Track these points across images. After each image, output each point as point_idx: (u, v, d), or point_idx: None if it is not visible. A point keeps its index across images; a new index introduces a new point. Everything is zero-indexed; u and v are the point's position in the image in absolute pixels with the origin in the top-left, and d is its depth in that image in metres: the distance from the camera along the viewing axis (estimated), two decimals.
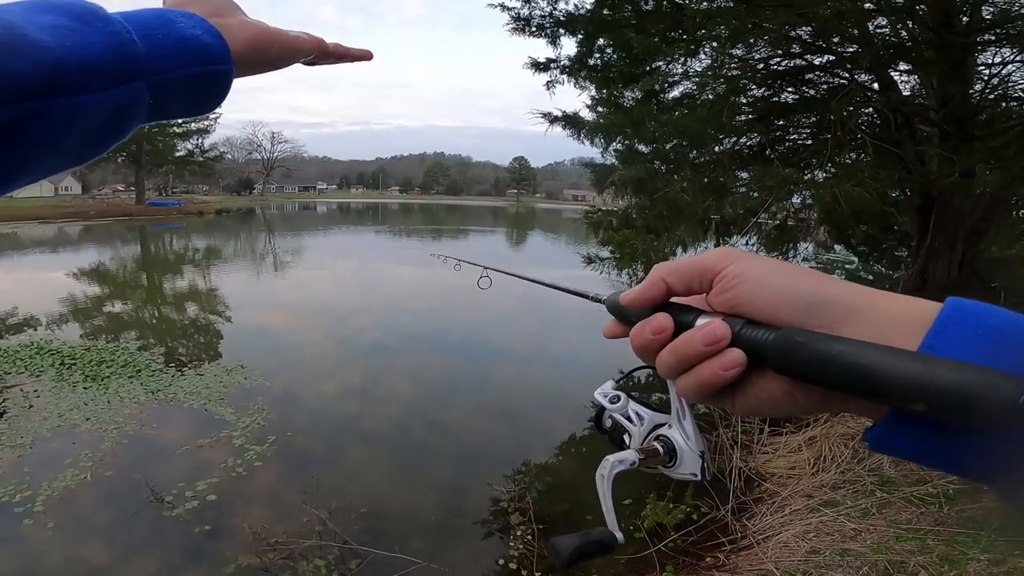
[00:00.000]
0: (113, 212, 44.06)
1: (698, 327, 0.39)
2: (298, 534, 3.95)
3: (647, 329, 0.42)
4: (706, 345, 0.38)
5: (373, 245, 30.25)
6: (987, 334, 0.33)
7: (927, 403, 0.30)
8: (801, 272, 0.39)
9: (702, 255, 0.42)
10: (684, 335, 0.40)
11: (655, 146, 7.18)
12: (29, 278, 16.81)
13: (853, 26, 6.35)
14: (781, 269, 0.39)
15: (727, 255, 0.41)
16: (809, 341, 0.34)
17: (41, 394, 6.64)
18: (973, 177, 5.83)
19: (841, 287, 0.38)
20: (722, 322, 0.38)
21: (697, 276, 0.41)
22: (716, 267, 0.41)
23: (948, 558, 2.54)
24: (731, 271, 0.40)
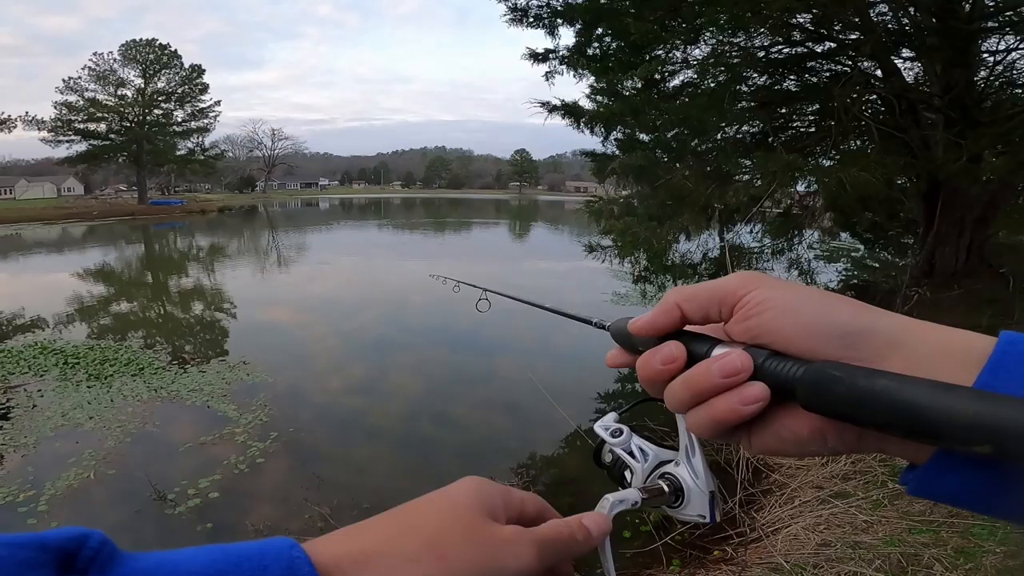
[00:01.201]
0: (116, 212, 44.16)
1: (716, 356, 0.35)
2: (300, 531, 3.92)
3: (657, 358, 0.38)
4: (724, 377, 0.34)
5: (376, 241, 30.22)
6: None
7: (994, 445, 0.26)
8: (835, 299, 0.35)
9: (722, 280, 0.38)
10: (699, 365, 0.36)
11: (656, 134, 7.11)
12: (34, 280, 16.85)
13: (854, 13, 6.26)
14: (813, 296, 0.36)
15: (751, 279, 0.37)
16: (848, 376, 0.31)
17: (45, 393, 6.64)
18: (980, 162, 5.76)
19: (881, 316, 0.34)
20: (741, 352, 0.34)
21: (716, 302, 0.37)
22: (738, 292, 0.37)
23: (963, 550, 2.49)
24: (755, 297, 0.36)
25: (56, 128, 42.18)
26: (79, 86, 43.82)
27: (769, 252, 7.99)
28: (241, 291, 14.39)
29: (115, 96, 44.89)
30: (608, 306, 11.71)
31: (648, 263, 7.20)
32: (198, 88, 47.85)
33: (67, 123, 42.73)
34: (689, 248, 7.61)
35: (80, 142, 43.84)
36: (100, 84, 44.47)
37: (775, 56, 7.17)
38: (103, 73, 44.58)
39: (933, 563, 2.43)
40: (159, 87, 46.56)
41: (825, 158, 6.79)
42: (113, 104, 44.45)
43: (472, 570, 0.32)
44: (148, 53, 45.52)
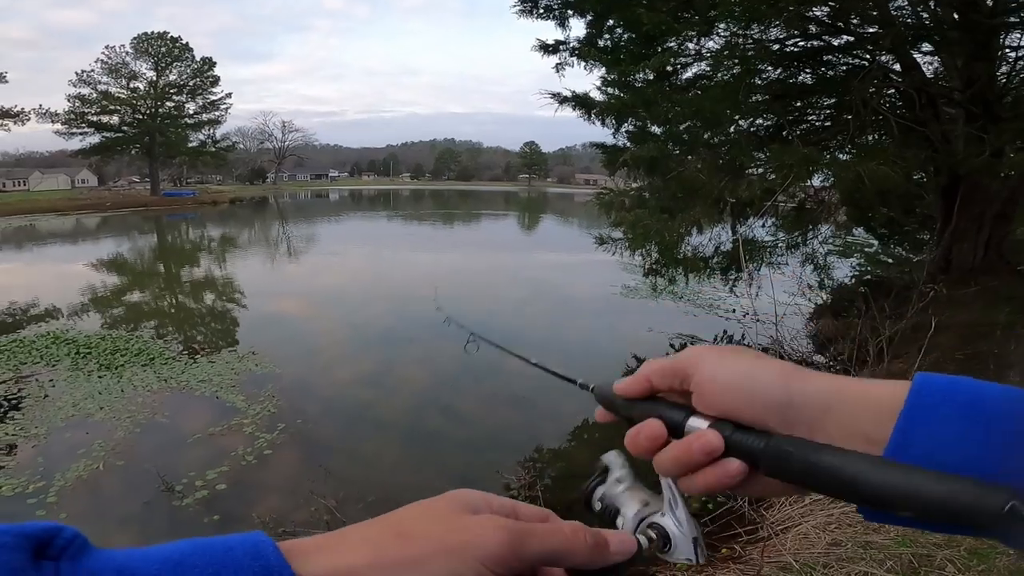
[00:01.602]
0: (129, 203, 44.52)
1: (694, 436, 0.41)
2: (306, 523, 3.91)
3: (642, 436, 0.43)
4: (704, 456, 0.40)
5: (385, 232, 30.26)
6: (955, 417, 0.34)
7: (914, 512, 0.33)
8: (767, 371, 0.41)
9: (678, 357, 0.44)
10: (682, 445, 0.41)
11: (668, 126, 7.01)
12: (48, 269, 17.03)
13: (873, 7, 6.13)
14: (746, 371, 0.41)
15: (696, 359, 0.43)
16: (798, 451, 0.37)
17: (56, 383, 6.70)
18: (1002, 158, 5.64)
19: (809, 382, 0.40)
20: (715, 432, 0.40)
21: (677, 378, 0.44)
22: (688, 372, 0.43)
23: (976, 551, 2.44)
24: (701, 377, 0.42)
25: (70, 120, 42.53)
26: (92, 79, 44.12)
27: (783, 246, 7.88)
28: (251, 282, 14.46)
29: (127, 89, 45.15)
30: (618, 299, 11.64)
31: (659, 256, 7.13)
32: (209, 80, 48.01)
33: (80, 115, 43.07)
34: (701, 241, 7.52)
35: (93, 134, 44.20)
36: (113, 77, 44.74)
37: (790, 49, 7.05)
38: (115, 66, 44.83)
39: (946, 564, 2.37)
40: (171, 80, 46.76)
41: (841, 152, 6.67)
42: (126, 97, 44.71)
43: (434, 546, 0.33)
44: (160, 46, 45.69)
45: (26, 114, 37.75)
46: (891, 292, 6.71)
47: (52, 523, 0.29)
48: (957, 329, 5.74)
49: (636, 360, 8.04)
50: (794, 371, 0.41)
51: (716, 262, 7.60)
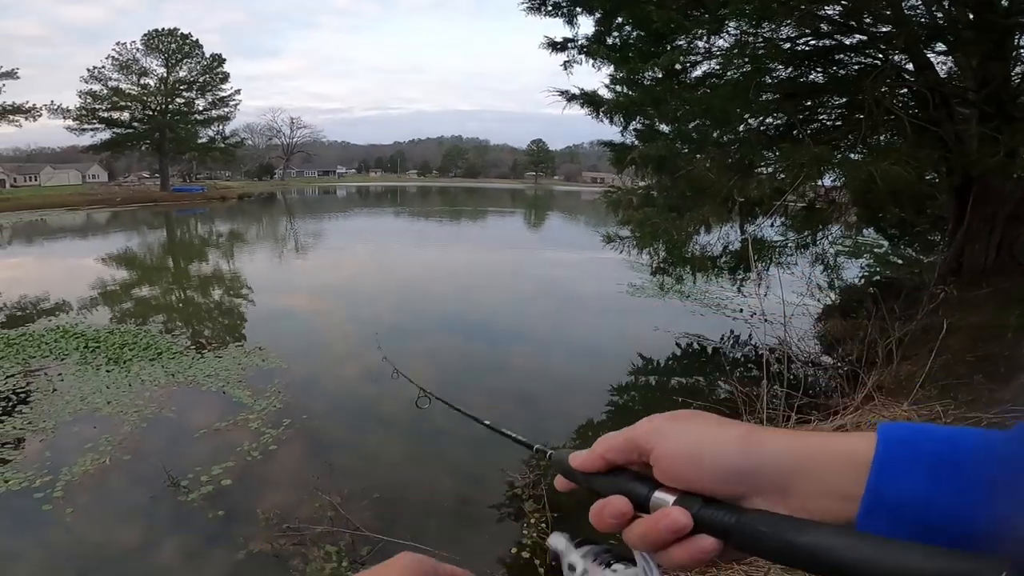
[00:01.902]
0: (139, 198, 44.86)
1: (660, 515, 0.39)
2: (310, 520, 3.93)
3: (606, 514, 0.42)
4: (671, 534, 0.39)
5: (392, 228, 30.31)
6: (926, 468, 0.34)
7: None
8: (725, 438, 0.40)
9: (634, 431, 0.43)
10: (649, 522, 0.40)
11: (677, 125, 6.96)
12: (59, 264, 17.17)
13: (886, 5, 6.05)
14: (703, 441, 0.40)
15: (651, 431, 0.42)
16: (772, 530, 0.36)
17: (65, 377, 6.75)
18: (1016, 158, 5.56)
19: (769, 443, 0.39)
20: (680, 510, 0.39)
21: (634, 453, 0.43)
22: (645, 446, 0.42)
23: None
24: (660, 452, 0.41)
25: (81, 116, 42.87)
26: (103, 75, 44.43)
27: (793, 246, 7.81)
28: (259, 277, 14.53)
29: (138, 85, 45.44)
30: (624, 297, 11.60)
31: (667, 254, 7.09)
32: (219, 77, 48.21)
33: (91, 112, 43.40)
34: (709, 240, 7.48)
35: (104, 130, 44.55)
36: (123, 73, 45.02)
37: (802, 48, 6.98)
38: (126, 62, 45.11)
39: None
40: (181, 76, 47.00)
41: (853, 151, 6.60)
42: (136, 93, 45.00)
43: None
44: (170, 43, 45.92)
45: (38, 110, 38.06)
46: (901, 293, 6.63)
47: None
48: (968, 331, 5.66)
49: (641, 359, 8.02)
50: (752, 434, 0.40)
51: (724, 261, 7.55)
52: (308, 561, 3.56)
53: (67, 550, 3.84)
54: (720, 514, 0.38)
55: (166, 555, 3.77)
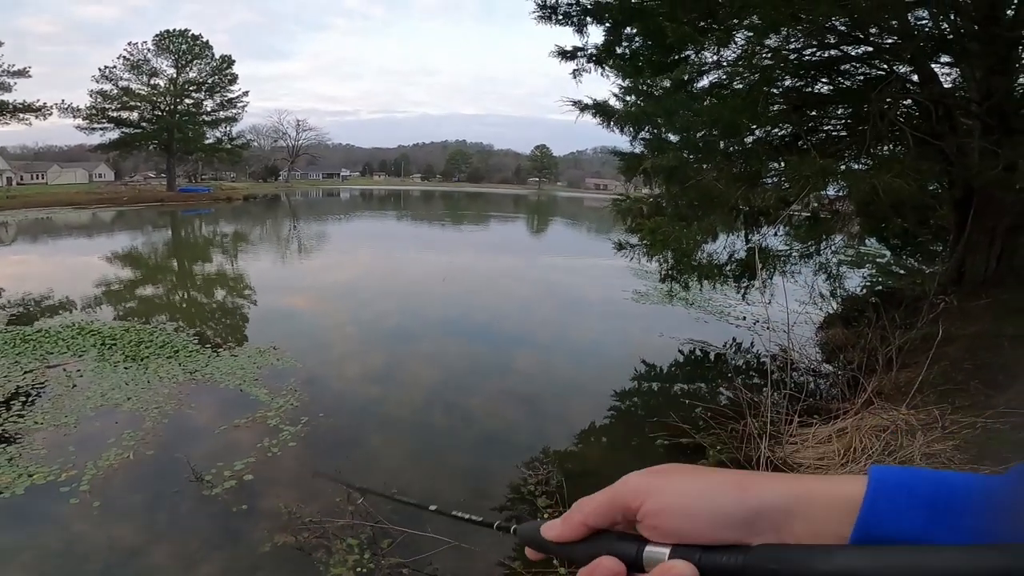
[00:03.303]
0: (145, 198, 45.12)
1: (661, 570, 0.38)
2: (331, 513, 4.07)
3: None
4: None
5: (395, 232, 30.50)
6: (917, 510, 0.35)
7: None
8: (722, 487, 0.39)
9: (617, 490, 0.41)
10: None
11: (685, 135, 7.13)
12: (65, 262, 17.34)
13: (893, 17, 6.20)
14: (700, 492, 0.39)
15: (640, 488, 0.40)
16: (784, 563, 0.35)
17: (84, 374, 6.88)
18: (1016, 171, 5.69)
19: (766, 488, 0.39)
20: (684, 562, 0.37)
21: (619, 513, 0.41)
22: (632, 505, 0.40)
23: None
24: (650, 508, 0.39)
25: (91, 116, 43.29)
26: (114, 75, 44.84)
27: (797, 255, 7.97)
28: (268, 278, 14.70)
29: (148, 85, 45.85)
30: (629, 303, 11.75)
31: (675, 262, 7.25)
32: (227, 78, 48.61)
33: (101, 111, 43.81)
34: (715, 248, 7.64)
35: (113, 130, 44.95)
36: (134, 73, 45.44)
37: (808, 59, 7.13)
38: (137, 63, 45.52)
39: None
40: (190, 77, 47.40)
41: (856, 162, 6.75)
42: (146, 93, 45.41)
43: None
44: (181, 44, 46.33)
45: (48, 109, 38.37)
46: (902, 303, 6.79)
47: None
48: (966, 340, 5.81)
49: (645, 365, 8.16)
50: (745, 479, 0.40)
51: (730, 269, 7.70)
52: (331, 553, 3.71)
53: (95, 543, 3.94)
54: (725, 557, 0.37)
55: (193, 547, 3.90)
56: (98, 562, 3.78)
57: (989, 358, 5.30)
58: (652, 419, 5.86)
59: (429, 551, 3.68)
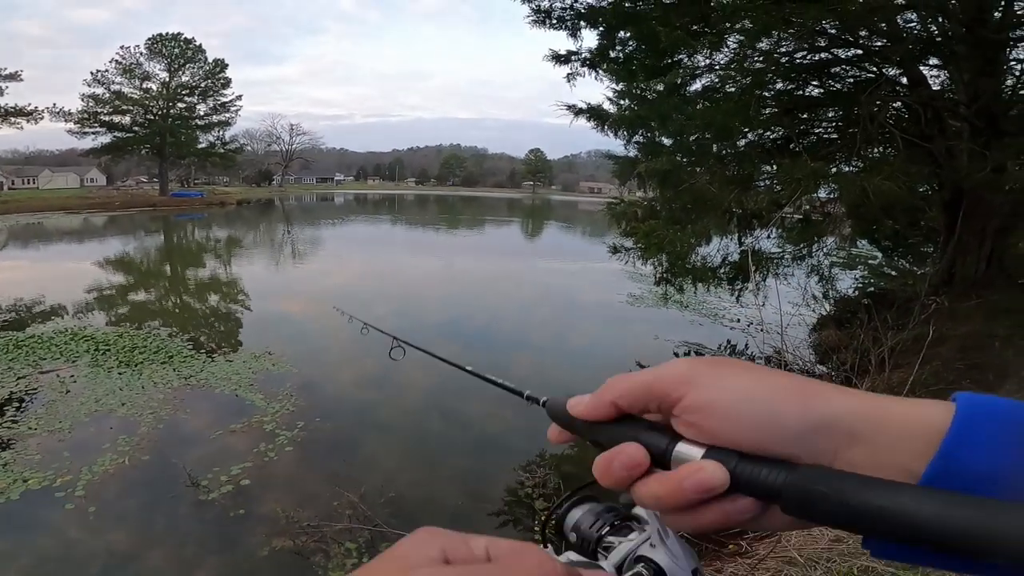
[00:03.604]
0: (137, 203, 44.88)
1: (689, 470, 0.33)
2: (329, 518, 4.07)
3: (617, 464, 0.36)
4: (699, 495, 0.33)
5: (389, 236, 30.48)
6: (1016, 438, 0.29)
7: (1003, 556, 0.26)
8: (780, 391, 0.34)
9: (658, 374, 0.36)
10: (671, 481, 0.34)
11: (679, 139, 7.19)
12: (56, 267, 17.23)
13: (882, 20, 6.28)
14: (755, 392, 0.34)
15: (686, 378, 0.35)
16: (836, 491, 0.30)
17: (78, 379, 6.85)
18: (1004, 172, 5.77)
19: (832, 402, 0.33)
20: (717, 465, 0.33)
21: (654, 400, 0.36)
22: (674, 394, 0.35)
23: None
24: (694, 402, 0.34)
25: (83, 120, 43.05)
26: (106, 79, 44.67)
27: (789, 258, 8.04)
28: (261, 283, 14.66)
29: (140, 89, 45.70)
30: (624, 307, 11.79)
31: (670, 265, 7.31)
32: (220, 82, 48.51)
33: (93, 115, 43.60)
34: (709, 251, 7.70)
35: (105, 134, 44.75)
36: (126, 77, 45.28)
37: (799, 62, 7.22)
38: (129, 66, 45.37)
39: None
40: (183, 81, 47.28)
41: (847, 165, 6.83)
42: (138, 97, 45.25)
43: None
44: (174, 47, 46.24)
45: (39, 113, 38.15)
46: (894, 304, 6.86)
47: None
48: (957, 340, 5.88)
49: (640, 367, 8.12)
50: (809, 387, 0.34)
51: (723, 272, 7.76)
52: (329, 557, 3.71)
53: (90, 548, 3.93)
54: (765, 471, 0.32)
55: (189, 553, 3.90)
56: (94, 567, 3.77)
57: (980, 358, 5.37)
58: None
59: None
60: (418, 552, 0.34)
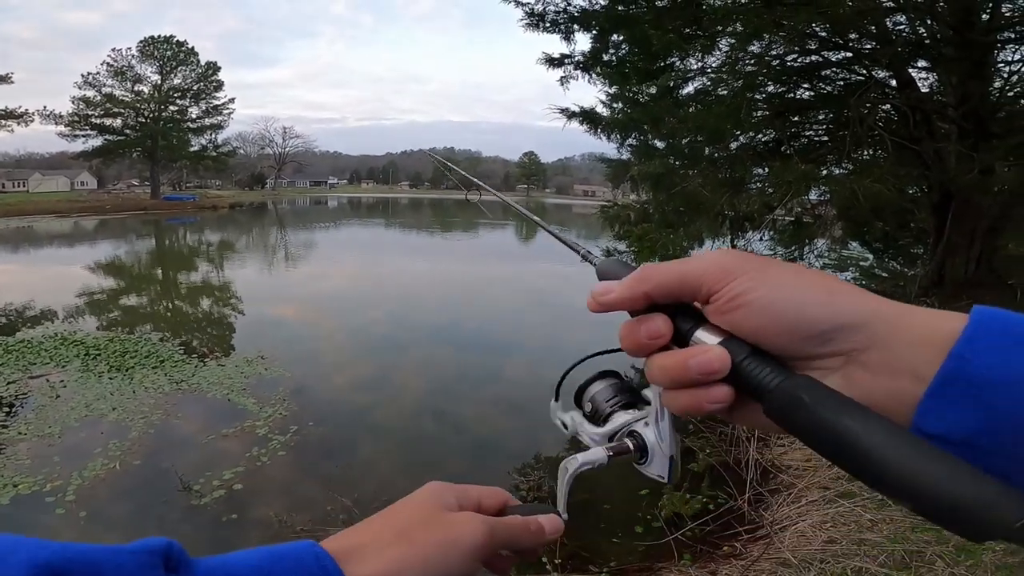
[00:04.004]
0: (128, 207, 44.63)
1: (696, 351, 0.35)
2: (323, 522, 4.05)
3: (642, 331, 0.38)
4: (700, 375, 0.35)
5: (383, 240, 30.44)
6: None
7: (914, 506, 0.28)
8: (813, 288, 0.34)
9: (697, 264, 0.37)
10: (677, 358, 0.36)
11: (671, 142, 7.23)
12: (46, 272, 17.09)
13: (872, 23, 6.34)
14: (789, 288, 0.34)
15: (727, 270, 0.36)
16: (813, 405, 0.31)
17: (68, 384, 6.79)
18: (992, 174, 5.83)
19: (857, 303, 0.33)
20: (723, 351, 0.35)
21: (689, 290, 0.37)
22: (713, 286, 0.36)
23: (964, 548, 2.60)
24: (731, 291, 0.35)
25: (73, 123, 42.82)
26: (97, 81, 44.47)
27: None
28: (254, 287, 14.60)
29: (132, 92, 45.53)
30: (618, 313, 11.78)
31: None
32: (213, 85, 48.38)
33: (84, 118, 43.37)
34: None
35: (96, 137, 44.53)
36: (118, 80, 45.11)
37: (790, 65, 7.27)
38: (121, 69, 45.19)
39: (935, 559, 2.53)
40: (175, 83, 47.13)
41: (838, 167, 6.88)
42: (129, 100, 45.06)
43: (434, 546, 0.40)
44: (166, 50, 46.08)
45: (30, 115, 37.91)
46: None
47: (163, 539, 0.33)
48: None
49: (634, 370, 8.19)
50: (835, 286, 0.34)
51: None
52: None
53: None
54: (767, 370, 0.34)
55: None
56: None
57: None
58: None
59: None
60: (437, 499, 0.45)
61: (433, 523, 0.42)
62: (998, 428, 0.29)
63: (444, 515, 0.43)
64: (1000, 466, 0.29)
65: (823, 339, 0.33)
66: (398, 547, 0.40)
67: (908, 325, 0.32)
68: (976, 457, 0.29)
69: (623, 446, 0.44)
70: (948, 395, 0.30)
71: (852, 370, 0.33)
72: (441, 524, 0.42)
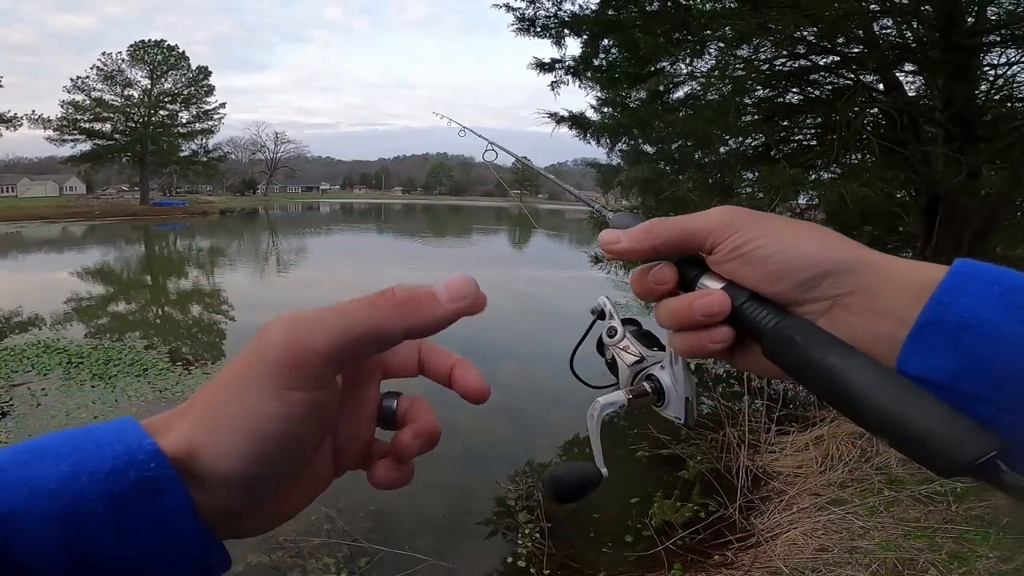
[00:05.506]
0: (117, 212, 44.30)
1: (699, 294, 0.39)
2: (307, 532, 3.97)
3: (649, 277, 0.41)
4: (702, 316, 0.38)
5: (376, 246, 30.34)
6: (999, 291, 0.31)
7: (891, 440, 0.30)
8: (806, 239, 0.37)
9: (703, 219, 0.40)
10: (682, 301, 0.39)
11: (660, 146, 7.22)
12: (33, 278, 16.89)
13: (858, 27, 6.37)
14: (786, 239, 0.37)
15: (730, 223, 0.38)
16: (805, 343, 0.34)
17: (49, 392, 6.69)
18: (979, 178, 5.85)
19: (848, 252, 0.36)
20: (724, 295, 0.38)
21: (694, 243, 0.40)
22: (716, 237, 0.39)
23: (957, 555, 2.57)
24: (732, 243, 0.38)
25: (62, 127, 42.54)
26: (87, 85, 44.26)
27: None
28: (242, 294, 14.46)
29: (122, 96, 45.32)
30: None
31: None
32: (204, 90, 48.24)
33: (73, 122, 43.09)
34: None
35: (85, 141, 44.21)
36: (107, 84, 44.90)
37: (779, 69, 7.29)
38: (111, 73, 44.99)
39: (928, 567, 2.50)
40: (165, 88, 46.96)
41: (826, 172, 6.89)
42: (119, 104, 44.85)
43: (232, 377, 0.31)
44: (156, 54, 45.89)
45: (19, 119, 37.59)
46: None
47: None
48: None
49: None
50: (827, 235, 0.38)
51: None
52: (307, 573, 3.61)
53: None
54: (765, 312, 0.36)
55: None
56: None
57: None
58: (633, 431, 5.85)
59: (409, 569, 3.60)
60: None
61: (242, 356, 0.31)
62: (977, 372, 0.30)
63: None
64: (983, 412, 0.30)
65: (811, 284, 0.36)
66: (224, 374, 0.32)
67: (893, 272, 0.35)
68: (959, 402, 0.30)
69: (641, 388, 0.45)
70: (928, 338, 0.32)
71: (836, 312, 0.35)
72: (241, 356, 0.31)
